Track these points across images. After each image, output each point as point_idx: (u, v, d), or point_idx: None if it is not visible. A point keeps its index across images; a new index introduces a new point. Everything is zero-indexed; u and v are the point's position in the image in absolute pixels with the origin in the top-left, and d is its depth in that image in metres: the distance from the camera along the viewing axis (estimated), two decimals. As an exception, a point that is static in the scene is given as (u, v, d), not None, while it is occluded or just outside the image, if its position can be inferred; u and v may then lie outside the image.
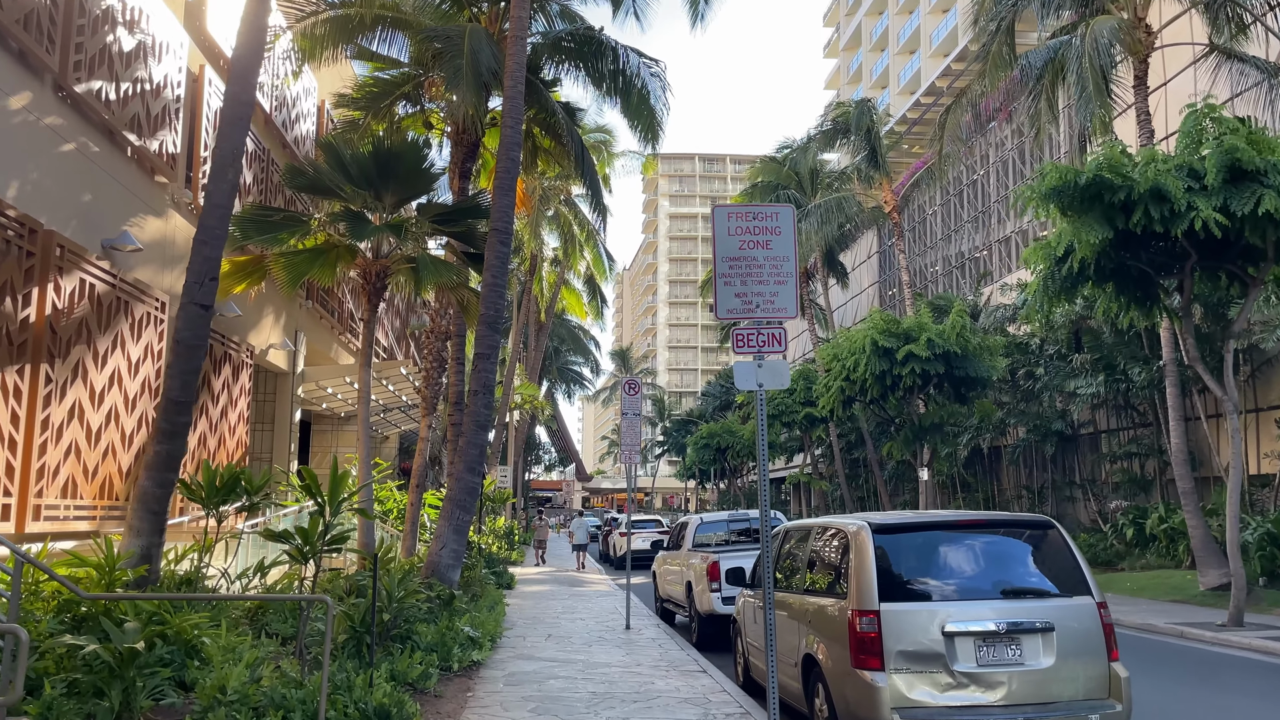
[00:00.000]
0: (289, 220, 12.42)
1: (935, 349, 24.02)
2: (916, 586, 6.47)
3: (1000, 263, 36.31)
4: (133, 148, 12.40)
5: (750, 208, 5.90)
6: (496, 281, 11.94)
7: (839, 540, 7.06)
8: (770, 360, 5.90)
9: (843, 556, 6.86)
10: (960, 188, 39.81)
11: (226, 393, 15.90)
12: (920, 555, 6.60)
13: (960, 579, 6.50)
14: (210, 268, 9.14)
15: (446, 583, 11.21)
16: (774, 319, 5.92)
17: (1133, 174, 13.90)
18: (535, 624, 13.71)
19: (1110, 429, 27.76)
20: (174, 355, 9.10)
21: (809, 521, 8.13)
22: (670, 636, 12.71)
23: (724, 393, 63.28)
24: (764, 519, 6.14)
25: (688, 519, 14.89)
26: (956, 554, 6.62)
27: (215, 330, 15.37)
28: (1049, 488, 30.65)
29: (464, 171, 14.92)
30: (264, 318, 18.38)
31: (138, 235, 12.38)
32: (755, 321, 5.93)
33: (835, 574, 6.98)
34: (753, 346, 5.92)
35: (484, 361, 11.80)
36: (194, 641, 7.37)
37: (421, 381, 15.94)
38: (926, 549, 6.64)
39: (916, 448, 26.56)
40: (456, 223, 13.14)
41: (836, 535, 7.16)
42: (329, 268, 11.94)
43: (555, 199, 30.78)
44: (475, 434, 11.72)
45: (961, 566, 6.58)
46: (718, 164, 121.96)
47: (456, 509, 11.58)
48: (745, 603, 9.42)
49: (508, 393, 31.52)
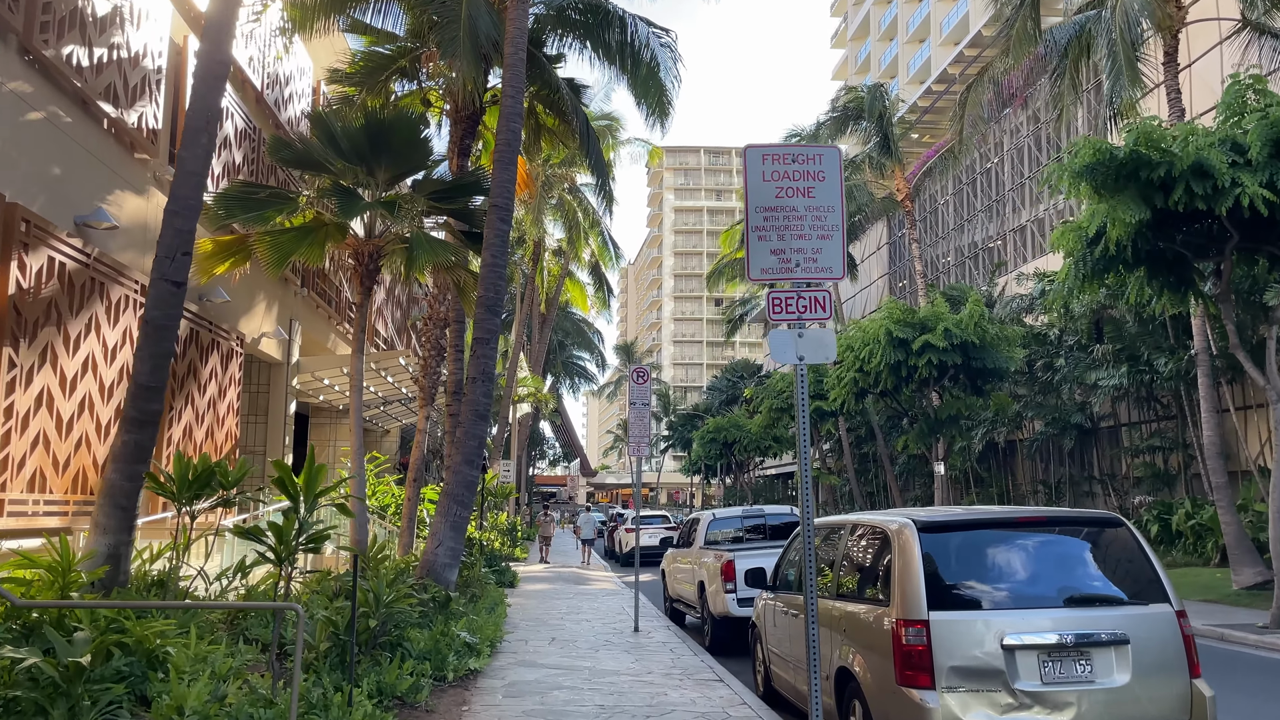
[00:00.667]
0: (276, 197, 11.65)
1: (952, 339, 23.19)
2: (970, 593, 5.69)
3: (1015, 252, 35.46)
4: (109, 120, 11.63)
5: (789, 148, 5.08)
6: (496, 261, 11.17)
7: (878, 540, 6.29)
8: (812, 330, 5.08)
9: (883, 558, 6.09)
10: (973, 176, 38.95)
11: (215, 382, 15.15)
12: (973, 557, 5.82)
13: (1019, 584, 5.73)
14: (183, 241, 8.39)
15: (443, 583, 10.46)
16: (817, 280, 5.10)
17: (1172, 148, 13.09)
18: (538, 626, 12.96)
19: (1131, 422, 26.94)
20: (143, 336, 8.34)
21: (839, 518, 7.36)
22: (681, 640, 11.95)
23: (730, 387, 62.54)
24: (805, 513, 5.35)
25: (699, 515, 14.12)
26: (1014, 555, 5.84)
27: (203, 317, 14.63)
28: (1066, 482, 29.84)
29: (463, 149, 14.14)
30: (256, 305, 17.63)
31: (115, 214, 11.62)
32: (795, 283, 5.11)
33: (874, 577, 6.20)
34: (791, 313, 5.09)
35: (483, 347, 11.03)
36: (157, 652, 6.62)
37: (419, 370, 15.19)
38: (980, 550, 5.86)
39: (932, 441, 25.74)
40: (454, 200, 12.36)
41: (874, 534, 6.38)
42: (317, 247, 11.17)
43: (559, 186, 29.98)
44: (474, 424, 10.96)
45: (1020, 570, 5.80)
46: (723, 157, 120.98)
47: (454, 504, 10.82)
48: (766, 606, 8.65)
49: (511, 385, 30.77)
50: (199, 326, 14.50)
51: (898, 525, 6.00)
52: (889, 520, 6.21)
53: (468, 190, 12.46)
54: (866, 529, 6.56)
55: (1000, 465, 34.07)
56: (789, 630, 7.71)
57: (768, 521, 13.67)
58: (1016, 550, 5.87)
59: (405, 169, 12.01)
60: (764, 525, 13.66)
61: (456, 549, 10.81)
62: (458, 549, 10.85)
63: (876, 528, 6.35)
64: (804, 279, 5.07)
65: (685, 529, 14.88)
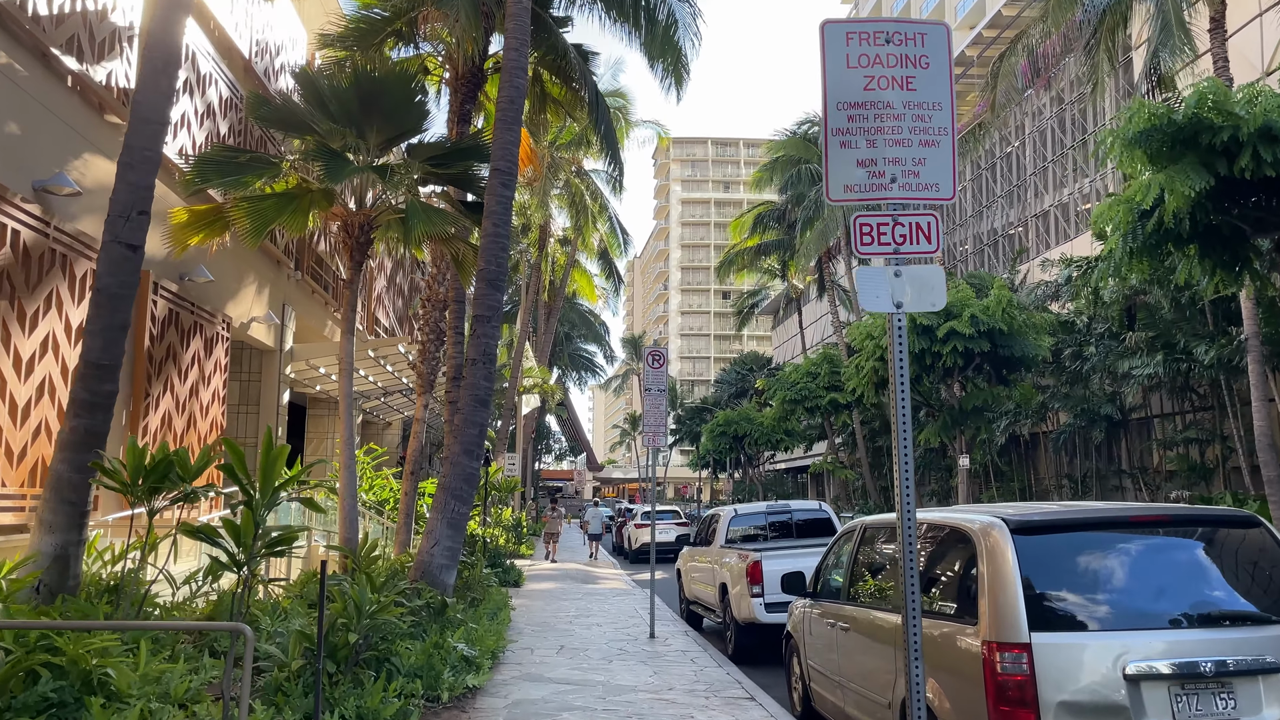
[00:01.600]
0: (256, 161, 10.58)
1: (979, 326, 22.09)
2: (1080, 609, 4.61)
3: (1038, 239, 34.28)
4: (73, 76, 10.58)
5: (881, 23, 3.89)
6: (498, 231, 10.11)
7: (957, 542, 5.21)
8: (915, 267, 3.95)
9: (964, 565, 5.02)
10: (993, 161, 37.75)
11: (197, 368, 14.13)
12: (1080, 564, 4.74)
13: (1140, 599, 4.65)
14: (139, 198, 7.33)
15: (439, 587, 9.41)
16: (920, 200, 3.99)
17: (1237, 110, 11.99)
18: (545, 632, 11.91)
19: (1164, 413, 25.78)
20: (94, 307, 7.30)
21: (892, 516, 6.29)
22: (702, 648, 10.88)
23: (739, 380, 61.40)
24: (904, 508, 4.22)
25: (719, 511, 13.05)
26: (1131, 563, 4.76)
27: (183, 297, 13.60)
28: (1093, 476, 28.70)
29: (463, 116, 13.08)
30: (245, 287, 16.60)
31: (80, 180, 10.56)
32: (891, 206, 3.98)
33: (952, 589, 5.14)
34: (886, 244, 3.94)
35: (483, 325, 9.97)
36: (95, 673, 5.59)
37: (417, 356, 14.14)
38: (1088, 556, 4.77)
39: (956, 434, 24.63)
40: (453, 165, 11.28)
41: (951, 536, 5.31)
42: (301, 215, 10.10)
43: (566, 169, 28.87)
44: (474, 410, 9.91)
45: (1140, 581, 4.72)
46: (731, 148, 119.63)
47: (452, 499, 9.78)
48: (805, 615, 7.58)
49: (516, 375, 29.71)
50: (179, 307, 13.47)
51: (983, 525, 4.92)
52: (971, 519, 5.13)
53: (468, 155, 11.38)
54: (940, 529, 5.49)
55: (1021, 459, 32.93)
56: (836, 644, 6.64)
57: (794, 518, 12.60)
58: (1133, 556, 4.79)
59: (399, 132, 10.94)
60: (790, 522, 12.58)
61: (455, 549, 9.77)
62: (456, 549, 9.80)
63: (954, 528, 5.28)
64: (901, 199, 3.94)
65: (703, 526, 13.80)
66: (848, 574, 6.72)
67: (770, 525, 12.51)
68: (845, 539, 7.19)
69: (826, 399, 35.04)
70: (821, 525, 12.56)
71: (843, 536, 7.27)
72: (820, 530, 12.49)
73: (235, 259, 15.98)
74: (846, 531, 7.19)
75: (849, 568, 6.72)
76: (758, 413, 47.91)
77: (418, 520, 15.37)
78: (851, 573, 6.66)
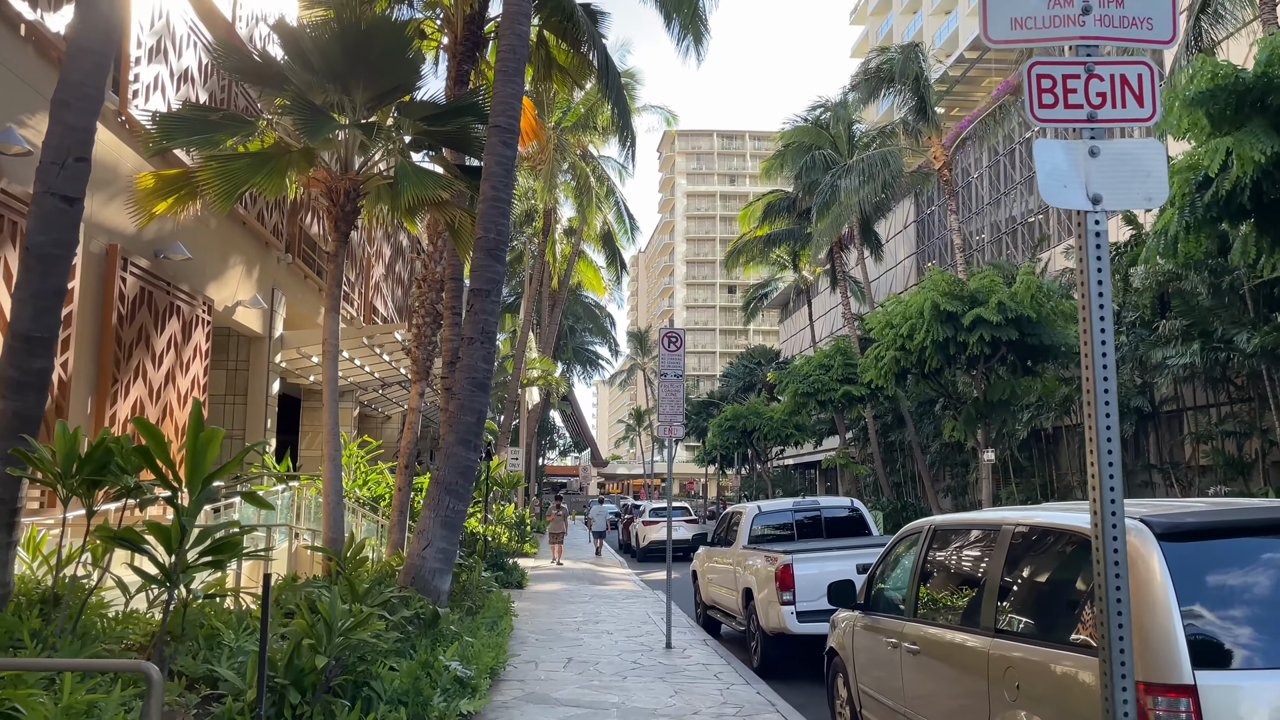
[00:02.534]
0: (230, 120, 9.51)
1: (1007, 313, 20.94)
2: (1254, 640, 3.51)
3: (1059, 225, 33.10)
4: (26, 25, 9.51)
5: None
6: (498, 195, 9.02)
7: (1075, 549, 4.12)
8: (1119, 143, 2.81)
9: (1088, 580, 3.91)
10: (1011, 146, 36.55)
11: (174, 353, 13.07)
12: (1255, 580, 3.64)
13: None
14: (77, 141, 6.27)
15: (431, 594, 8.34)
16: (1126, 42, 2.86)
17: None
18: (551, 641, 10.84)
19: (1198, 405, 24.64)
20: (24, 270, 6.24)
21: (990, 515, 5.19)
22: (725, 661, 9.80)
23: (747, 374, 60.27)
24: (1104, 498, 3.15)
25: (740, 508, 11.96)
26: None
27: (158, 275, 12.54)
28: (1119, 472, 27.54)
29: (461, 77, 11.98)
30: (229, 268, 15.54)
31: (33, 139, 9.49)
32: (1083, 48, 2.84)
33: (1072, 610, 4.04)
34: (1075, 106, 2.78)
35: (482, 300, 8.90)
36: (2, 707, 4.53)
37: (412, 341, 13.07)
38: (1258, 569, 3.68)
39: (981, 427, 23.50)
40: (448, 123, 10.18)
41: (1067, 541, 4.22)
42: (277, 176, 9.01)
43: (572, 153, 27.75)
44: (471, 395, 8.83)
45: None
46: (737, 141, 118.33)
47: (446, 495, 8.70)
48: (854, 631, 6.50)
49: (519, 367, 28.64)
50: (153, 286, 12.41)
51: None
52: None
53: (465, 113, 10.28)
54: (1050, 533, 4.39)
55: (1042, 453, 31.81)
56: (898, 668, 5.56)
57: (823, 515, 11.50)
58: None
59: (389, 88, 9.84)
60: (818, 520, 11.48)
61: (449, 551, 8.69)
62: (451, 551, 8.73)
63: (1070, 531, 4.18)
64: (1098, 40, 2.80)
65: (722, 524, 12.71)
66: (913, 584, 5.63)
67: (797, 524, 11.41)
68: (907, 542, 6.11)
69: (840, 392, 33.91)
70: (853, 524, 11.47)
71: (903, 539, 6.18)
72: (852, 529, 11.41)
73: (219, 238, 14.94)
74: (908, 534, 6.10)
75: (915, 577, 5.63)
76: (766, 407, 46.83)
77: (412, 517, 14.31)
78: (919, 583, 5.57)
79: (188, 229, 13.60)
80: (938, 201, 43.06)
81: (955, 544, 5.38)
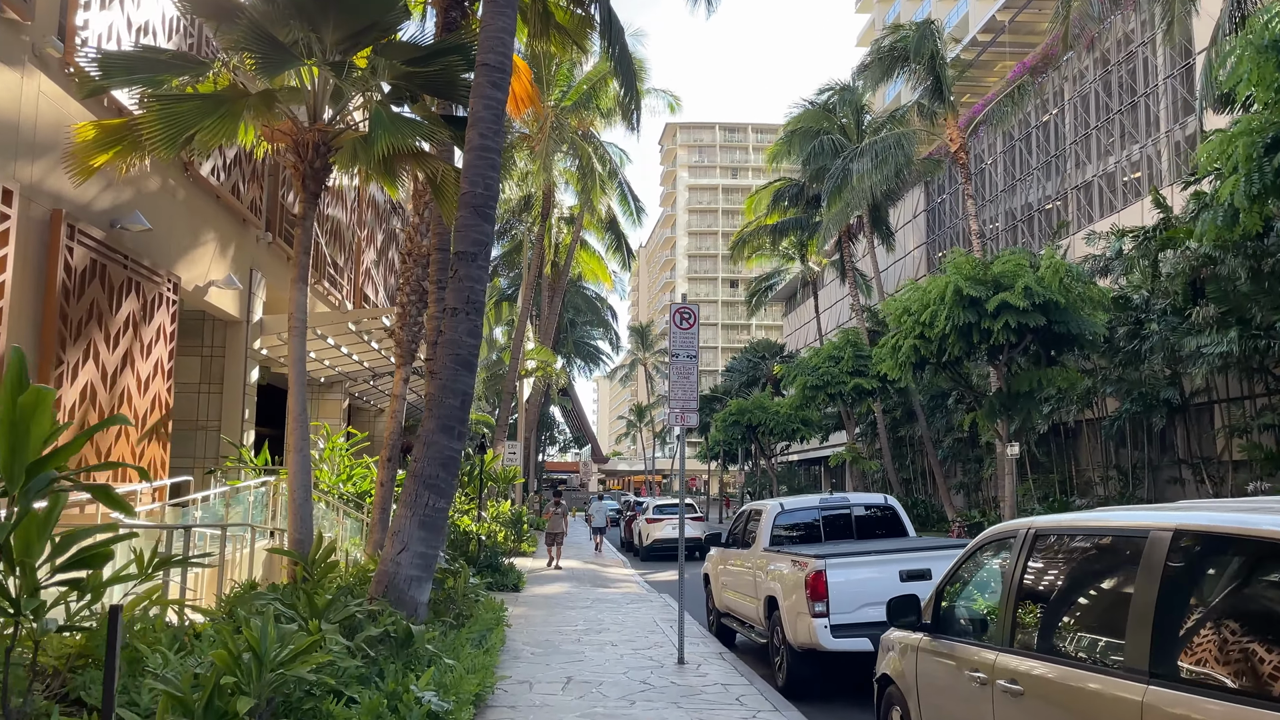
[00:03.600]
0: (181, 60, 8.29)
1: (1034, 298, 19.70)
2: None
3: (1079, 212, 31.85)
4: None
5: None
6: (486, 143, 7.80)
7: (1246, 562, 2.89)
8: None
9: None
10: (1027, 131, 35.29)
11: (133, 333, 11.85)
12: None
13: None
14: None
15: (406, 607, 7.13)
16: None
17: None
18: (548, 655, 9.62)
19: (1230, 397, 23.41)
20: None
21: (1122, 518, 3.96)
22: (747, 681, 8.58)
23: (751, 368, 58.99)
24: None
25: (760, 505, 10.72)
26: None
27: (112, 248, 11.31)
28: (1144, 467, 26.35)
29: (448, 24, 10.73)
30: (200, 244, 14.32)
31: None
32: None
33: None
34: None
35: (467, 265, 7.68)
36: None
37: (396, 321, 11.87)
38: None
39: (1003, 420, 22.27)
40: (431, 63, 8.93)
41: (1256, 553, 2.99)
42: (229, 121, 7.78)
43: (571, 131, 26.48)
44: (455, 374, 7.61)
45: None
46: (739, 133, 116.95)
47: (425, 491, 7.49)
48: (919, 656, 5.29)
49: (516, 358, 27.41)
50: (107, 259, 11.18)
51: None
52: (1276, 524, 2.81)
53: (450, 55, 9.03)
54: (1232, 542, 3.16)
55: (1060, 448, 30.59)
56: (984, 708, 4.35)
57: (853, 514, 10.26)
58: None
59: (364, 26, 8.59)
60: (848, 519, 10.24)
61: (429, 556, 7.48)
62: (431, 555, 7.51)
63: (1250, 537, 2.96)
64: None
65: (739, 523, 11.48)
66: (1008, 603, 4.41)
67: (824, 523, 10.17)
68: (992, 549, 4.90)
69: (850, 384, 32.69)
70: (887, 524, 10.24)
71: (987, 546, 4.97)
72: (887, 528, 10.18)
73: (188, 211, 13.72)
74: (995, 539, 4.88)
75: (1010, 594, 4.40)
76: (771, 401, 45.63)
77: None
78: (1017, 602, 4.35)
79: (150, 199, 12.39)
80: (949, 190, 41.80)
81: (1071, 553, 4.17)
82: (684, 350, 9.72)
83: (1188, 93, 26.56)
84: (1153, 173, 27.91)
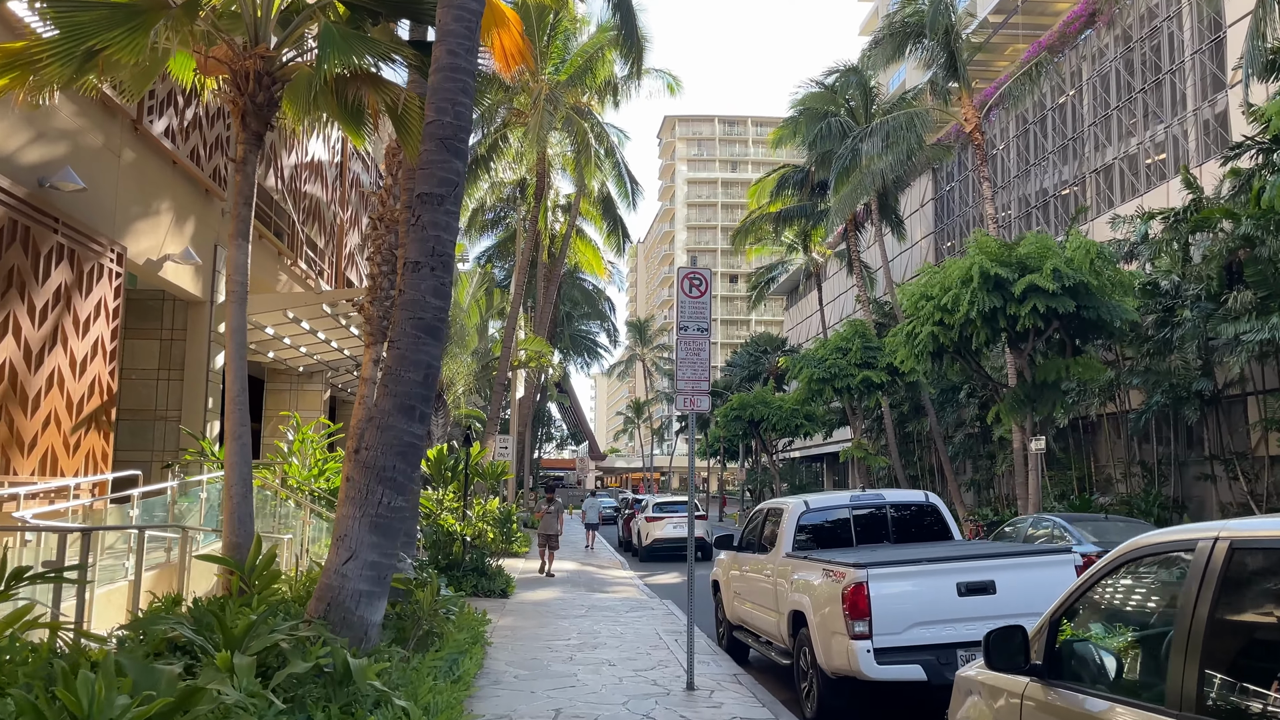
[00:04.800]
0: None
1: (1063, 281, 18.34)
2: None
3: (1098, 196, 30.48)
4: None
5: None
6: (456, 62, 6.41)
7: None
8: None
9: None
10: (1042, 114, 33.90)
11: (65, 307, 10.43)
12: None
13: None
14: None
15: (354, 629, 5.74)
16: None
17: None
18: (535, 679, 8.22)
19: (1265, 389, 22.02)
20: None
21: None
22: (771, 713, 7.17)
23: (752, 362, 57.64)
24: None
25: (780, 503, 9.31)
26: None
27: (40, 209, 9.90)
28: (1170, 463, 24.96)
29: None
30: (152, 213, 12.90)
31: None
32: None
33: None
34: None
35: (432, 210, 6.27)
36: None
37: (365, 296, 10.47)
38: None
39: (1028, 412, 20.90)
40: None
41: None
42: (140, 34, 6.36)
43: (565, 105, 25.02)
44: (415, 344, 6.20)
45: None
46: (739, 126, 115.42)
47: (378, 484, 6.08)
48: (1023, 709, 3.90)
49: (509, 347, 26.01)
50: (31, 220, 9.75)
51: None
52: None
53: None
54: None
55: (1080, 443, 29.19)
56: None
57: (890, 514, 8.86)
58: None
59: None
60: (884, 519, 8.84)
61: (383, 566, 6.07)
62: (386, 565, 6.11)
63: None
64: None
65: (754, 524, 10.05)
66: (1185, 649, 3.01)
67: (857, 524, 8.77)
68: (1145, 567, 3.51)
69: (859, 377, 31.30)
70: (929, 525, 8.82)
71: (1133, 562, 3.58)
72: (929, 531, 8.77)
73: (137, 174, 12.31)
74: (1147, 554, 3.50)
75: (1191, 634, 3.00)
76: (773, 395, 44.24)
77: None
78: (1205, 648, 2.95)
79: (90, 156, 10.98)
80: (958, 177, 40.41)
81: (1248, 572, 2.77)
82: (694, 323, 8.32)
83: (1218, 68, 25.16)
84: (1179, 153, 26.51)
